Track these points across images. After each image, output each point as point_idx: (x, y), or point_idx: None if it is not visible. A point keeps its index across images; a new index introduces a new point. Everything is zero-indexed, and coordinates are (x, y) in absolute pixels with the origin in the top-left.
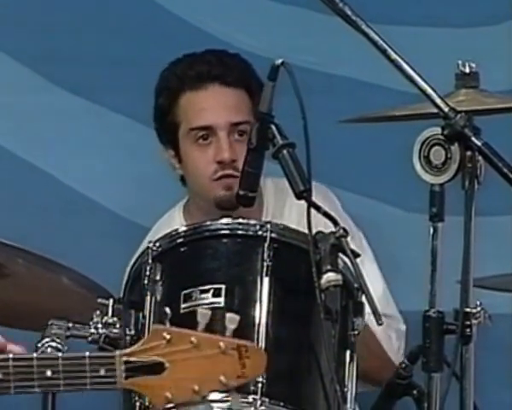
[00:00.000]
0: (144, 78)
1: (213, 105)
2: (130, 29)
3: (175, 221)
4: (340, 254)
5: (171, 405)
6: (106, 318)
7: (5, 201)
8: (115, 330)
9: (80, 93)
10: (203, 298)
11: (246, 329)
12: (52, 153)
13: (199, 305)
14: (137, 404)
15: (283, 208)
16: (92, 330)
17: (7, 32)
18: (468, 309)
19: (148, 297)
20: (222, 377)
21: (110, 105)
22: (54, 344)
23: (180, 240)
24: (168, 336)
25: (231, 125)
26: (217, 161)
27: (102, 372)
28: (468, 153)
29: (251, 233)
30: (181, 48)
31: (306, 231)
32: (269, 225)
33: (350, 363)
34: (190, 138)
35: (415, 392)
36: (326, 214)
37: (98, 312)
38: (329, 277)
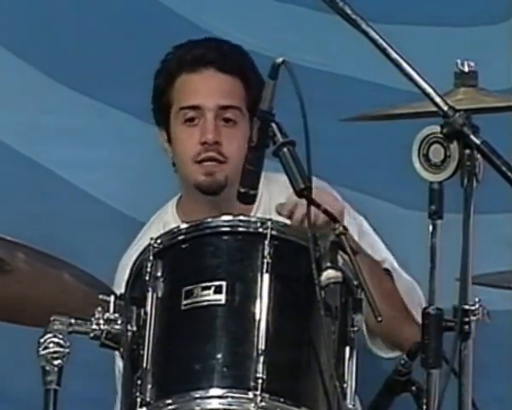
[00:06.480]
0: (144, 75)
1: (205, 87)
2: (131, 26)
3: (167, 217)
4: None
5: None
6: (107, 314)
7: (5, 196)
8: (117, 327)
9: (81, 90)
10: (204, 295)
11: (246, 325)
12: (52, 149)
13: (200, 302)
14: (138, 400)
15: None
16: (94, 327)
17: (8, 29)
18: (466, 306)
19: (150, 294)
20: None
21: (110, 102)
22: (56, 340)
23: (181, 237)
24: None
25: (219, 108)
26: (201, 143)
27: None
28: (467, 151)
29: (251, 230)
30: None
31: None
32: (269, 223)
33: (349, 359)
34: (179, 118)
35: (414, 388)
36: (326, 212)
37: (100, 308)
38: (329, 274)
